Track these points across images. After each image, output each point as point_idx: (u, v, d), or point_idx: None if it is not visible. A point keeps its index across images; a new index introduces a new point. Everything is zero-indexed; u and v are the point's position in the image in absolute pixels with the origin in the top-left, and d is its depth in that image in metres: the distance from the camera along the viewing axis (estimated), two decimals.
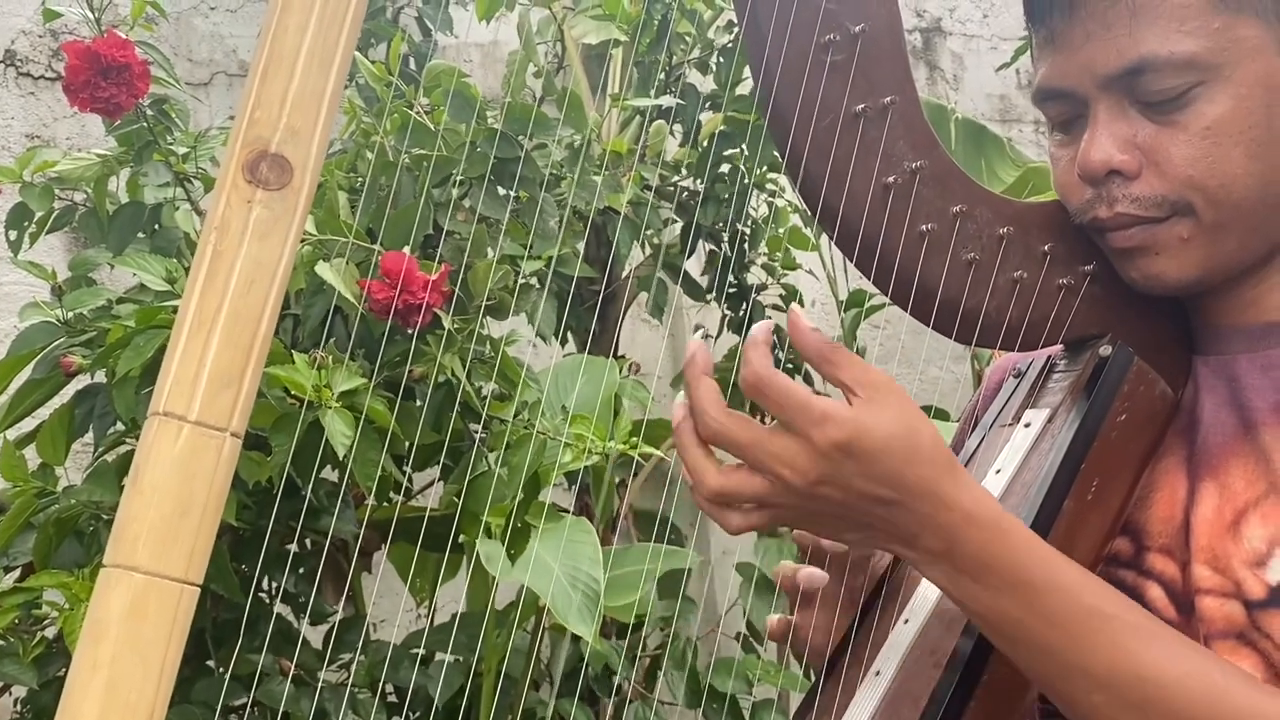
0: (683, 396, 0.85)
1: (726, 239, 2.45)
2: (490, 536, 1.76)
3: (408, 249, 1.77)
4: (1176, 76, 0.88)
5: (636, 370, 2.35)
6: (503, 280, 1.86)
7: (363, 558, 2.19)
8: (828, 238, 0.94)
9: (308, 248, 1.77)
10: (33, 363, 1.85)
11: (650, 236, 2.44)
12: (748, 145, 2.33)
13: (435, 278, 1.69)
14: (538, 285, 2.00)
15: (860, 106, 0.90)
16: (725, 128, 2.34)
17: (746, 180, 2.35)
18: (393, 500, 2.04)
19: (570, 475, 2.09)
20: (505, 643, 2.01)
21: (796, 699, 1.79)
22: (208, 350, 0.70)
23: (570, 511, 2.09)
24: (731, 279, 2.48)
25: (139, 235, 1.93)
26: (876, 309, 2.47)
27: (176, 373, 0.70)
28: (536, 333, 2.02)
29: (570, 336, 2.40)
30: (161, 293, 1.78)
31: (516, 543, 1.78)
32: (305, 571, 2.00)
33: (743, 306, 2.47)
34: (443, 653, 2.06)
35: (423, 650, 2.04)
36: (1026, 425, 0.97)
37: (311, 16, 0.72)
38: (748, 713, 2.18)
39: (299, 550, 2.03)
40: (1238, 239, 0.91)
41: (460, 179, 1.95)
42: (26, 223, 1.96)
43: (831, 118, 0.90)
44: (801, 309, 0.84)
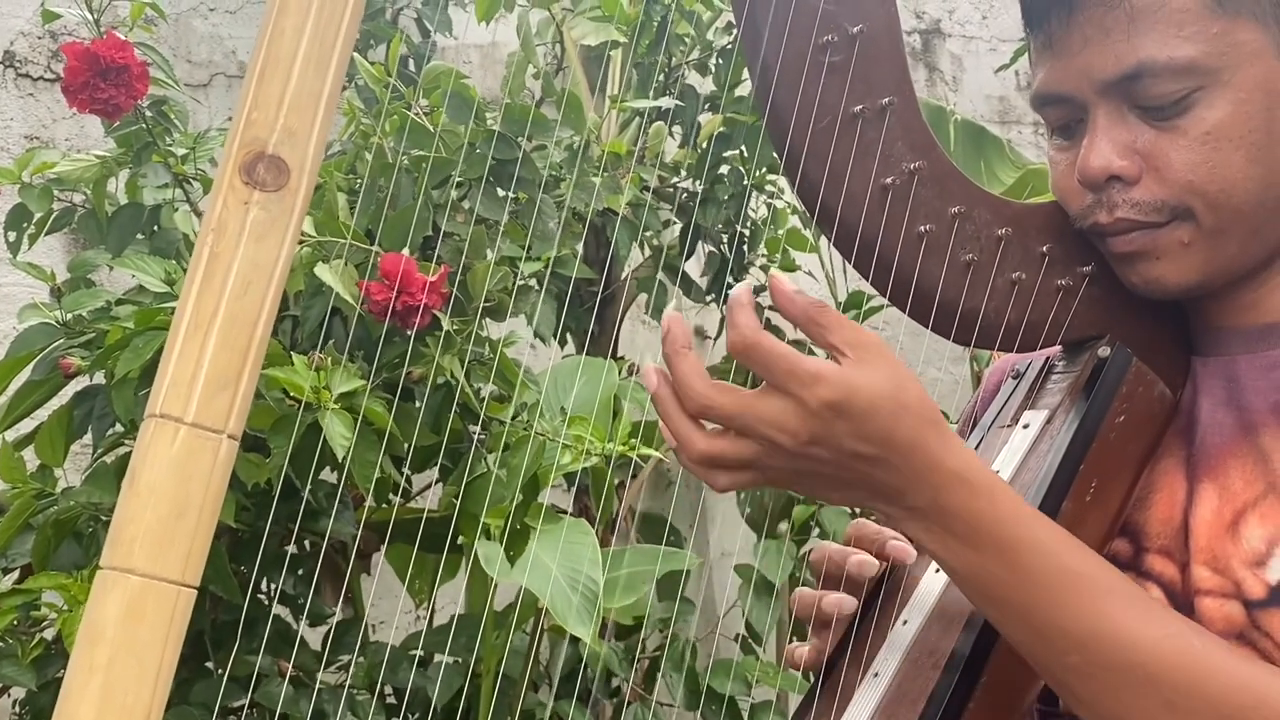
0: (654, 361, 0.85)
1: (726, 240, 2.45)
2: (489, 538, 1.76)
3: (406, 250, 1.77)
4: (1175, 82, 0.88)
5: (635, 371, 2.34)
6: (501, 281, 1.86)
7: (361, 559, 2.19)
8: (826, 239, 0.94)
9: (306, 249, 1.77)
10: (32, 364, 1.85)
11: (649, 238, 2.44)
12: (747, 146, 2.33)
13: (434, 279, 1.69)
14: (536, 286, 2.00)
15: (858, 107, 0.90)
16: (724, 129, 2.34)
17: (746, 182, 2.35)
18: (391, 501, 2.05)
19: (569, 476, 2.09)
20: (504, 644, 2.01)
21: (795, 700, 1.79)
22: (204, 352, 0.70)
23: (569, 513, 2.09)
24: (731, 280, 2.48)
25: (138, 236, 1.93)
26: (875, 310, 2.47)
27: (173, 374, 0.70)
28: (535, 334, 2.02)
29: (569, 338, 2.40)
30: (160, 294, 1.78)
31: (515, 544, 1.78)
32: (304, 573, 2.00)
33: None
34: (441, 654, 2.06)
35: (421, 651, 2.04)
36: (1025, 426, 0.97)
37: (308, 18, 0.72)
38: (746, 714, 2.18)
39: (297, 551, 2.03)
40: (1238, 243, 0.91)
41: (459, 180, 1.95)
42: (25, 224, 1.96)
43: (830, 119, 0.90)
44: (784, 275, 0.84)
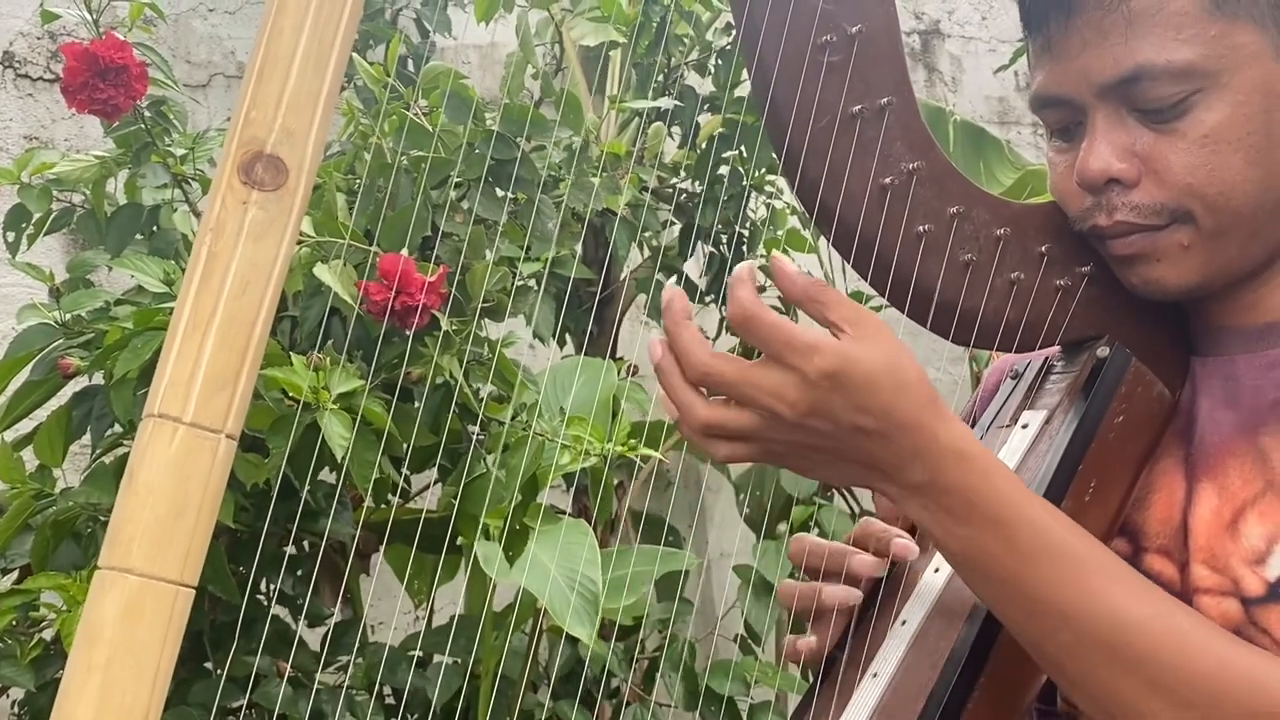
0: (659, 334, 0.85)
1: (725, 241, 2.45)
2: (488, 538, 1.76)
3: (405, 250, 1.77)
4: (1174, 84, 0.88)
5: (634, 372, 2.35)
6: (500, 282, 1.86)
7: (360, 559, 2.19)
8: (825, 239, 0.94)
9: (305, 249, 1.77)
10: (31, 364, 1.85)
11: (648, 238, 2.44)
12: (746, 147, 2.33)
13: (433, 279, 1.69)
14: (535, 287, 2.00)
15: (857, 107, 0.90)
16: (723, 129, 2.34)
17: (745, 182, 2.35)
18: (390, 502, 2.04)
19: (568, 477, 2.09)
20: (503, 645, 2.01)
21: (794, 701, 1.79)
22: (203, 352, 0.70)
23: (568, 513, 2.09)
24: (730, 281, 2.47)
25: (137, 237, 1.93)
26: (874, 310, 2.47)
27: (171, 374, 0.70)
28: (534, 334, 2.02)
29: (568, 338, 2.40)
30: (159, 294, 1.78)
31: (514, 544, 1.78)
32: (302, 573, 2.00)
33: None
34: (440, 654, 2.06)
35: (420, 652, 2.03)
36: (1024, 427, 0.97)
37: (307, 17, 0.72)
38: (745, 714, 2.18)
39: (296, 552, 2.02)
40: (1237, 245, 0.91)
41: (458, 180, 1.95)
42: (25, 224, 1.96)
43: (828, 118, 0.90)
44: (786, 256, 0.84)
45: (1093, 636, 0.83)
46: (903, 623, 0.94)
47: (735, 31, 0.97)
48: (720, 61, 2.41)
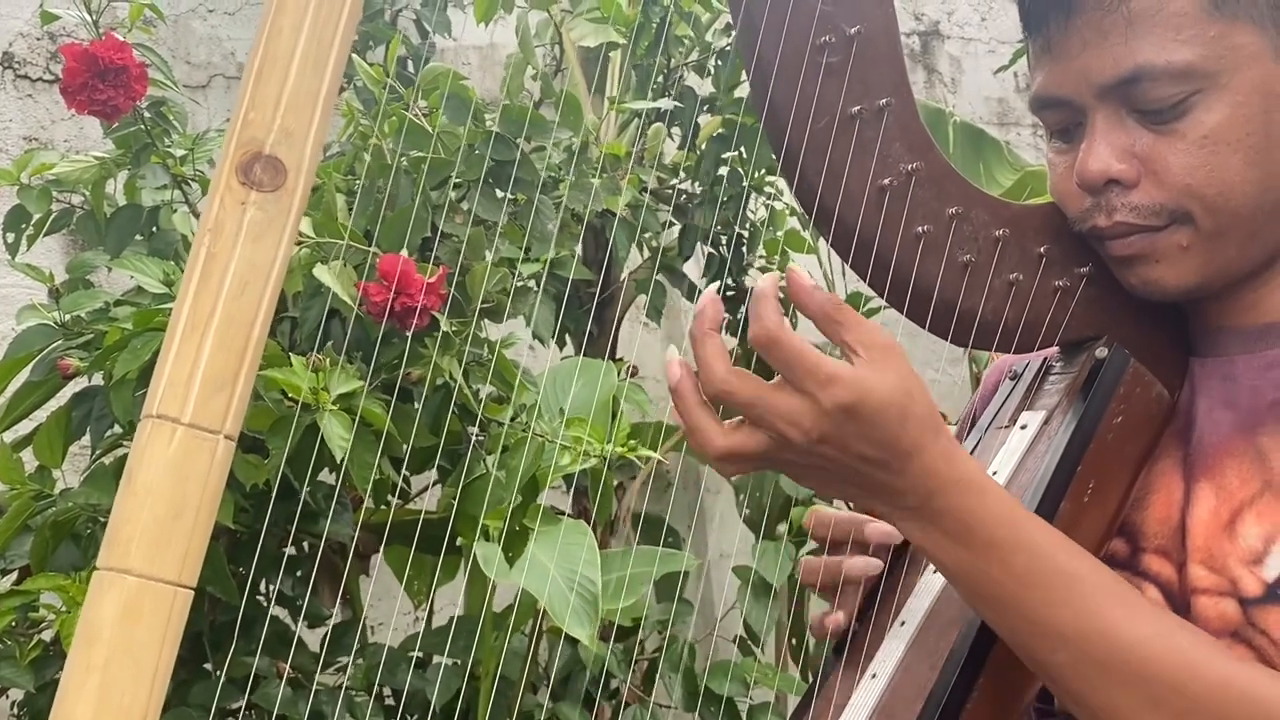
0: (674, 353, 0.86)
1: (725, 242, 2.45)
2: (487, 539, 1.76)
3: (404, 251, 1.77)
4: (1173, 85, 0.88)
5: (634, 373, 2.35)
6: (500, 283, 1.86)
7: (359, 560, 2.18)
8: (824, 240, 0.94)
9: (305, 250, 1.77)
10: (30, 365, 1.85)
11: (648, 239, 2.44)
12: (745, 148, 2.33)
13: (432, 280, 1.69)
14: (535, 287, 2.00)
15: (856, 108, 0.90)
16: (723, 130, 2.34)
17: (744, 183, 2.35)
18: (390, 503, 2.04)
19: (567, 478, 2.09)
20: (502, 645, 2.01)
21: (793, 702, 1.79)
22: (201, 352, 0.70)
23: (567, 514, 2.09)
24: (730, 282, 2.48)
25: (136, 238, 1.92)
26: (873, 311, 2.47)
27: (170, 375, 0.70)
28: (534, 335, 2.02)
29: (567, 339, 2.40)
30: (159, 295, 1.78)
31: (514, 545, 1.78)
32: (302, 574, 2.00)
33: (740, 310, 2.46)
34: (440, 656, 2.05)
35: (419, 653, 2.03)
36: (1023, 427, 0.97)
37: (306, 17, 0.72)
38: (745, 715, 2.18)
39: (296, 553, 2.02)
40: (1237, 246, 0.91)
41: (457, 181, 1.95)
42: (24, 225, 1.96)
43: (827, 119, 0.90)
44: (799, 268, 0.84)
45: (1092, 656, 0.83)
46: (902, 623, 0.94)
47: (734, 32, 0.97)
48: (720, 62, 2.41)
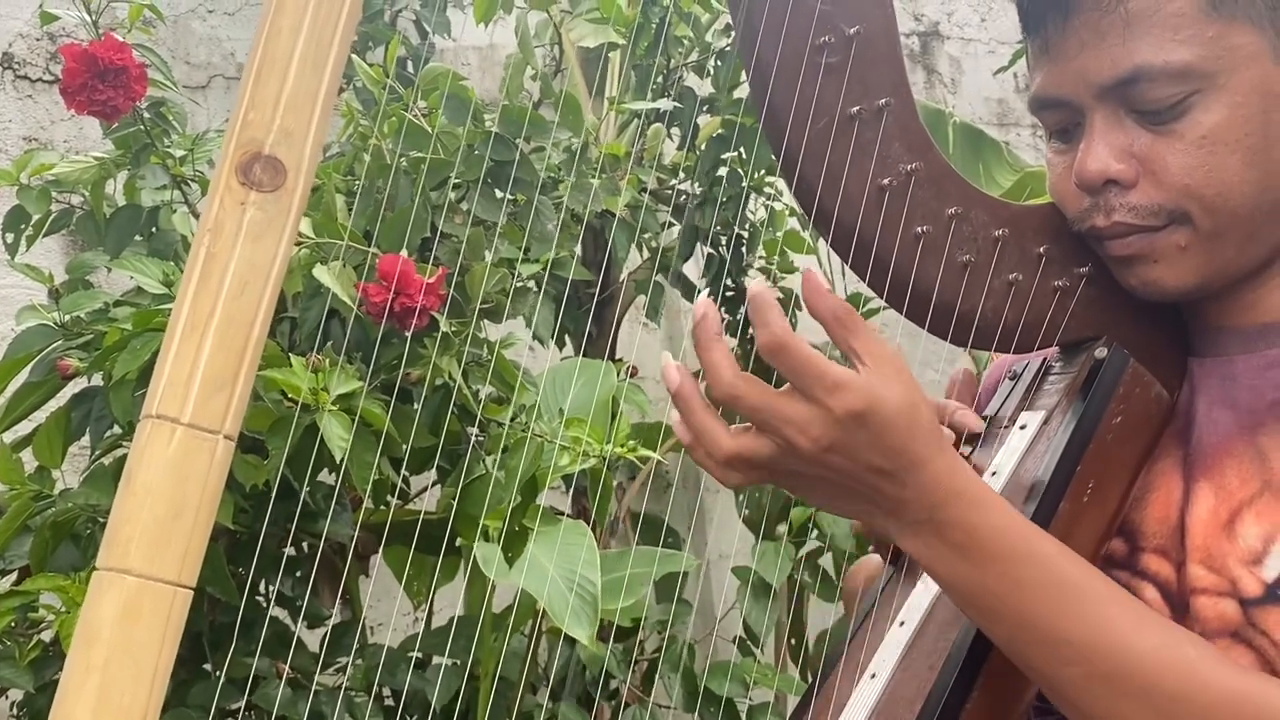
0: (669, 358, 0.85)
1: (724, 242, 2.45)
2: (487, 539, 1.76)
3: (404, 252, 1.77)
4: (1172, 86, 0.88)
5: (633, 373, 2.35)
6: (499, 283, 1.86)
7: (359, 560, 2.18)
8: (823, 240, 0.94)
9: (305, 250, 1.77)
10: (29, 365, 1.85)
11: (647, 240, 2.44)
12: (745, 148, 2.33)
13: (432, 280, 1.69)
14: (534, 288, 2.00)
15: (855, 109, 0.90)
16: (723, 131, 2.34)
17: (744, 183, 2.35)
18: (389, 503, 2.04)
19: (567, 478, 2.09)
20: (502, 646, 2.01)
21: (793, 702, 1.79)
22: (201, 353, 0.70)
23: (567, 514, 2.09)
24: (729, 282, 2.48)
25: (136, 238, 1.92)
26: (873, 312, 2.47)
27: (170, 375, 0.70)
28: (533, 335, 2.02)
29: (567, 339, 2.40)
30: (158, 295, 1.78)
31: (513, 546, 1.78)
32: (301, 574, 2.00)
33: (740, 310, 2.47)
34: (439, 656, 2.05)
35: (419, 653, 2.03)
36: (1022, 427, 0.97)
37: (305, 18, 0.72)
38: (744, 715, 2.18)
39: (295, 553, 2.02)
40: (1235, 246, 0.91)
41: (457, 182, 1.95)
42: (24, 225, 1.96)
43: (826, 120, 0.90)
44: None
45: (1098, 668, 0.83)
46: (901, 624, 0.94)
47: (734, 33, 0.98)
48: (719, 63, 2.41)
